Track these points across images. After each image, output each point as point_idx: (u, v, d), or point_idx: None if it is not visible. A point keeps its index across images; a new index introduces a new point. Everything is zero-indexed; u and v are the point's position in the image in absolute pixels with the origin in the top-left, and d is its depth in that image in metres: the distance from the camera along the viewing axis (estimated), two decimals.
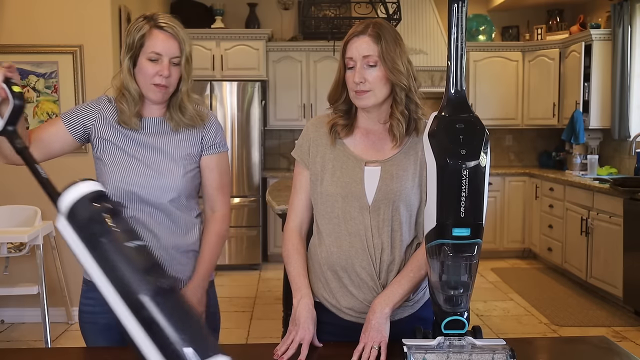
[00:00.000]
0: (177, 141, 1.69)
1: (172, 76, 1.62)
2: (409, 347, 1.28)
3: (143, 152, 1.66)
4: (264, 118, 5.77)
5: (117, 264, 1.10)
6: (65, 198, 1.15)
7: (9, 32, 3.87)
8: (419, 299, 1.60)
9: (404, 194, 1.52)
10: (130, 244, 1.12)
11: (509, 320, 4.17)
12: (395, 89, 1.50)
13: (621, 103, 5.15)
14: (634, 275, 4.11)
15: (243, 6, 5.95)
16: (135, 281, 1.09)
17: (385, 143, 1.57)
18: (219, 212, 1.75)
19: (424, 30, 5.90)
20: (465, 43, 1.27)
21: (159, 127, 1.69)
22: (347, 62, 1.51)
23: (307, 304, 1.50)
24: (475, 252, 1.26)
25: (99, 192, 1.14)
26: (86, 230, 1.11)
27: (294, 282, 1.56)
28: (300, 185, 1.62)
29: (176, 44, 1.61)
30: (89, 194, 1.14)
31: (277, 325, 3.60)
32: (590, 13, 5.89)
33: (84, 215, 1.12)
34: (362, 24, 1.51)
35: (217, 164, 1.74)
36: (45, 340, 3.43)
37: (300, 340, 1.44)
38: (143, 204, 1.64)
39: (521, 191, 5.91)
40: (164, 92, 1.63)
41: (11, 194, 3.89)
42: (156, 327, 1.06)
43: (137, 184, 1.63)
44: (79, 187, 1.15)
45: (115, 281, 1.10)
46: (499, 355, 1.27)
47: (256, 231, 5.53)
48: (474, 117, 1.27)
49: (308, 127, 1.65)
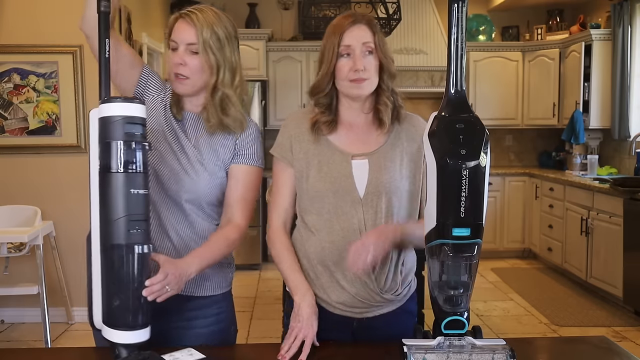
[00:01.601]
0: (210, 143, 1.58)
1: (190, 65, 1.51)
2: (409, 347, 1.28)
3: (176, 143, 1.57)
4: (264, 118, 5.77)
5: (113, 201, 1.23)
6: (109, 107, 1.25)
7: (9, 32, 3.87)
8: (405, 293, 1.62)
9: (394, 185, 1.53)
10: (133, 192, 1.24)
11: (509, 320, 4.17)
12: (384, 76, 1.54)
13: (621, 103, 5.15)
14: (634, 275, 4.11)
15: (243, 6, 5.95)
16: (117, 226, 1.23)
17: (369, 134, 1.58)
18: (236, 223, 1.58)
19: (424, 30, 5.90)
20: (465, 43, 1.27)
21: (194, 123, 1.61)
22: (343, 50, 1.50)
23: (310, 301, 1.50)
24: (475, 252, 1.26)
25: (135, 120, 1.25)
26: (107, 148, 1.23)
27: (291, 280, 1.55)
28: (283, 183, 1.60)
29: (192, 31, 1.50)
30: (130, 117, 1.25)
31: (277, 325, 3.58)
32: (590, 13, 5.88)
33: (111, 133, 1.24)
34: (350, 16, 1.54)
35: (245, 175, 1.60)
36: (45, 340, 3.43)
37: (304, 337, 1.43)
38: (162, 193, 1.56)
39: (521, 191, 5.91)
40: (185, 84, 1.54)
41: (11, 194, 3.89)
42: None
43: (161, 171, 1.55)
44: (129, 107, 1.26)
45: (102, 214, 1.24)
46: (499, 355, 1.27)
47: (256, 231, 5.53)
48: (474, 117, 1.27)
49: (287, 123, 1.62)
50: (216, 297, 1.65)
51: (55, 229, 3.88)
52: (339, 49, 1.51)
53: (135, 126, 1.25)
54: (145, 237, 1.26)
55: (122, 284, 1.24)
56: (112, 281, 1.24)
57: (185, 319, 1.59)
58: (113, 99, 1.26)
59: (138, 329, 1.25)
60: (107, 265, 1.24)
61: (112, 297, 1.24)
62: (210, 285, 1.62)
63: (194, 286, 1.59)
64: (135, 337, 1.25)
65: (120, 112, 1.24)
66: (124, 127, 1.24)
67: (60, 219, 3.92)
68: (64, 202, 3.95)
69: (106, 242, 1.24)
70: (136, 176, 1.25)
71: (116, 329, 1.24)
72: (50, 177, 3.95)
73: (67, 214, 3.93)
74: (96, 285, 1.26)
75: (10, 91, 3.93)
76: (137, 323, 1.25)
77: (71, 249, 3.96)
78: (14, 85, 3.92)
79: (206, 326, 1.61)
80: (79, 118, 3.93)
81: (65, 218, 3.93)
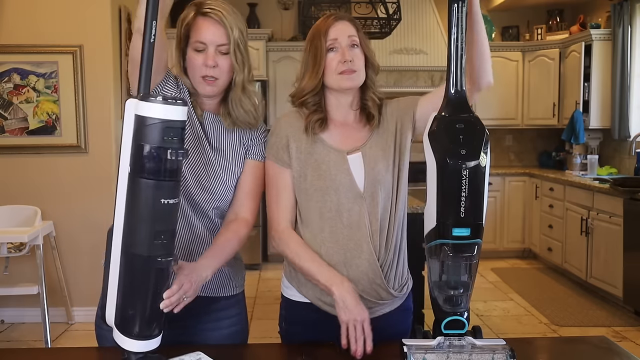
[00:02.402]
0: (233, 141, 1.56)
1: (221, 66, 1.47)
2: (409, 347, 1.28)
3: (199, 150, 1.51)
4: (264, 118, 5.77)
5: (139, 207, 1.13)
6: (149, 107, 1.12)
7: (9, 32, 3.87)
8: (406, 291, 1.63)
9: (388, 174, 1.55)
10: (164, 201, 1.15)
11: (509, 320, 4.17)
12: (368, 71, 1.57)
13: (621, 103, 5.15)
14: (634, 275, 4.11)
15: (243, 6, 5.94)
16: (142, 234, 1.14)
17: (359, 131, 1.60)
18: (243, 217, 1.58)
19: (424, 30, 5.90)
20: (465, 43, 1.27)
21: (214, 123, 1.56)
22: (330, 44, 1.53)
23: (349, 288, 1.46)
24: (475, 252, 1.26)
25: (174, 124, 1.12)
26: (140, 150, 1.13)
27: (321, 274, 1.49)
28: (284, 185, 1.58)
29: (222, 31, 1.45)
30: (169, 121, 1.12)
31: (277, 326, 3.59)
32: (590, 13, 5.88)
33: (149, 138, 1.12)
34: (332, 14, 1.58)
35: (254, 169, 1.60)
36: (45, 340, 3.43)
37: (362, 323, 1.41)
38: (190, 204, 1.50)
39: (521, 191, 5.91)
40: (213, 85, 1.49)
41: (11, 194, 3.89)
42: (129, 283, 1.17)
43: (188, 182, 1.48)
44: (169, 110, 1.12)
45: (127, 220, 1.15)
46: (499, 355, 1.27)
47: (256, 231, 5.53)
48: (474, 117, 1.27)
49: (281, 124, 1.61)
50: (238, 296, 1.65)
51: (55, 229, 3.88)
52: (327, 44, 1.53)
53: (174, 130, 1.13)
54: (168, 248, 1.18)
55: (139, 295, 1.19)
56: (129, 289, 1.18)
57: (212, 319, 1.57)
58: (153, 97, 1.13)
59: (150, 339, 1.22)
60: (125, 272, 1.18)
61: (127, 305, 1.19)
62: (232, 284, 1.62)
63: (219, 287, 1.58)
64: (146, 346, 1.21)
65: (160, 115, 1.12)
66: (162, 132, 1.11)
67: (60, 219, 3.92)
68: (64, 202, 3.95)
69: (127, 248, 1.17)
70: (168, 185, 1.15)
71: (128, 336, 1.20)
72: (50, 177, 3.95)
73: (67, 214, 3.93)
74: (112, 285, 1.20)
75: (10, 91, 3.93)
76: (150, 334, 1.21)
77: (71, 249, 3.96)
78: (14, 85, 3.92)
79: (229, 327, 1.60)
80: (79, 118, 3.93)
81: (65, 218, 3.93)
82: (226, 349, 1.52)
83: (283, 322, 1.67)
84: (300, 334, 1.60)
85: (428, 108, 1.52)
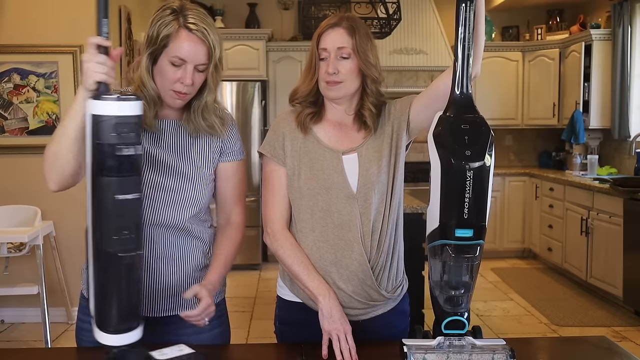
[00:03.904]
0: (199, 147, 1.54)
1: (195, 84, 1.44)
2: (409, 347, 1.28)
3: (164, 159, 1.50)
4: (264, 118, 5.76)
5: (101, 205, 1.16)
6: (99, 105, 1.13)
7: (9, 32, 3.87)
8: (399, 293, 1.63)
9: (383, 176, 1.55)
10: (125, 197, 1.16)
11: (509, 320, 4.17)
12: (367, 80, 1.54)
13: (621, 103, 5.15)
14: (634, 275, 4.11)
15: (243, 6, 5.94)
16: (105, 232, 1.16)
17: (356, 132, 1.59)
18: (235, 221, 1.62)
19: (424, 30, 5.90)
20: (472, 43, 1.25)
21: (176, 130, 1.53)
22: (321, 53, 1.53)
23: (335, 299, 1.49)
24: (478, 253, 1.26)
25: (129, 119, 1.14)
26: (97, 149, 1.14)
27: (310, 282, 1.51)
28: (279, 183, 1.58)
29: (204, 50, 1.42)
30: (123, 117, 1.13)
31: None
32: (590, 13, 5.88)
33: (103, 137, 1.14)
34: (336, 17, 1.55)
35: (235, 172, 1.61)
36: (45, 340, 3.43)
37: (345, 334, 1.43)
38: (160, 227, 1.49)
39: (521, 191, 5.91)
40: (183, 100, 1.46)
41: (11, 194, 3.89)
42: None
43: (155, 204, 1.48)
44: (123, 106, 1.14)
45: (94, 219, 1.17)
46: (499, 355, 1.27)
47: (256, 231, 5.53)
48: (480, 117, 1.27)
49: (278, 122, 1.62)
50: (220, 301, 1.65)
51: (55, 229, 3.88)
52: (319, 52, 1.53)
53: (129, 126, 1.14)
54: (133, 242, 1.19)
55: (110, 290, 1.20)
56: (100, 285, 1.20)
57: (195, 326, 1.54)
58: (105, 95, 1.14)
59: (127, 332, 1.22)
60: (98, 269, 1.20)
61: (101, 301, 1.21)
62: (218, 291, 1.60)
63: None
64: (124, 339, 1.21)
65: (112, 112, 1.13)
66: (116, 128, 1.12)
67: (60, 219, 3.92)
68: (64, 202, 3.94)
69: (97, 246, 1.19)
70: (127, 180, 1.16)
71: (105, 332, 1.21)
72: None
73: (67, 214, 3.92)
74: (91, 283, 1.23)
75: (10, 91, 3.92)
76: (126, 327, 1.22)
77: (71, 249, 3.96)
78: (14, 85, 3.92)
79: (211, 329, 1.58)
80: None
81: (65, 218, 3.93)
82: (222, 350, 1.52)
83: (277, 321, 1.68)
84: (294, 334, 1.61)
85: (420, 107, 1.54)
